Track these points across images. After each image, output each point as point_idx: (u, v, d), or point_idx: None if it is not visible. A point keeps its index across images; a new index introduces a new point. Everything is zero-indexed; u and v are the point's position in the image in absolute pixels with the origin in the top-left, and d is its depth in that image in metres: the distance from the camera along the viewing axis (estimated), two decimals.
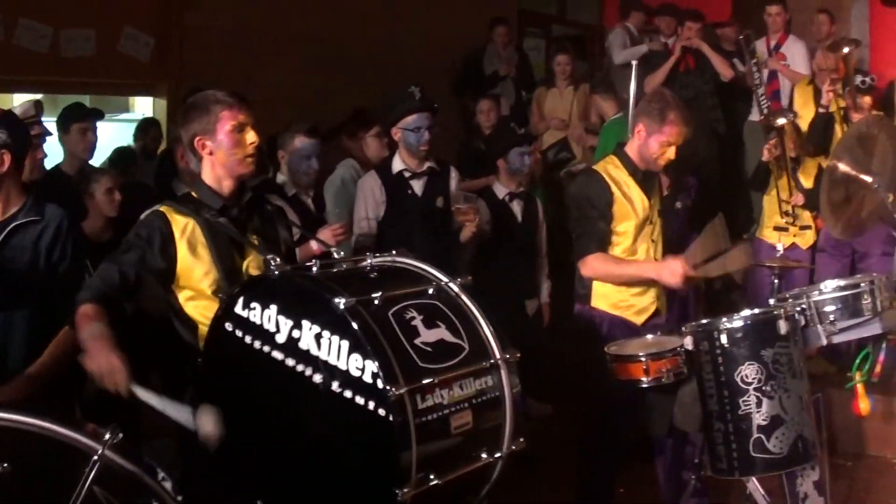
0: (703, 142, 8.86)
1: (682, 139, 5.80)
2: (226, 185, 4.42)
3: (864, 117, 8.08)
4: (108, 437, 3.47)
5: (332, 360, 3.54)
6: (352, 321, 3.51)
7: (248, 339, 3.78)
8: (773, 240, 8.22)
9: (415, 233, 6.71)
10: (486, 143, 9.73)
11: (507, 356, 3.84)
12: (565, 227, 6.12)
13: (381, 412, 3.42)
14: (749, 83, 10.24)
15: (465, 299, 3.89)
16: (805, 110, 9.44)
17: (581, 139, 10.77)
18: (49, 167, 7.25)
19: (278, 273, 3.85)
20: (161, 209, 4.36)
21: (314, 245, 5.78)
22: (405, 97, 6.76)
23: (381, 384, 3.42)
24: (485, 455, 3.75)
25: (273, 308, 3.73)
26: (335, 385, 3.53)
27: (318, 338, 3.59)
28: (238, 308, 3.83)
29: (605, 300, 5.88)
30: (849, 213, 6.76)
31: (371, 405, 3.44)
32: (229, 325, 3.86)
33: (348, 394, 3.50)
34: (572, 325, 6.07)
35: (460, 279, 3.94)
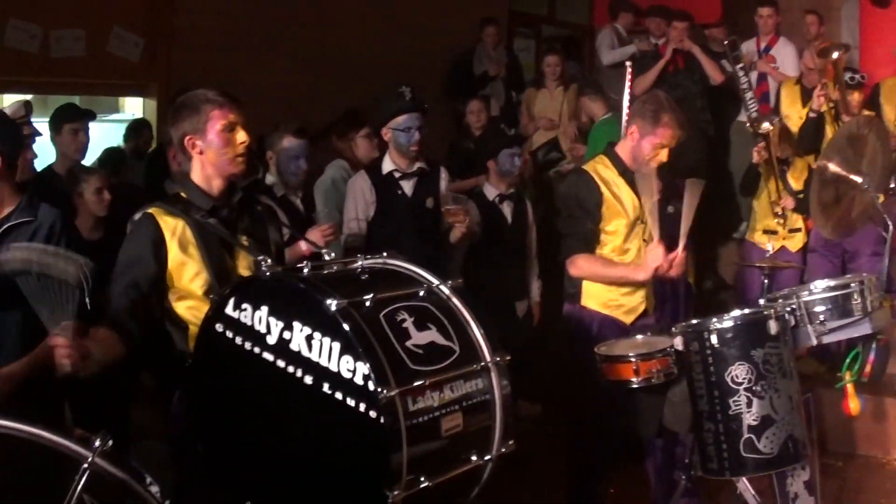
0: (693, 143, 8.85)
1: (675, 142, 5.81)
2: (216, 185, 4.40)
3: (853, 117, 8.10)
4: (97, 444, 3.46)
5: (324, 361, 3.52)
6: (343, 323, 3.49)
7: (239, 340, 3.77)
8: (763, 243, 8.26)
9: (404, 233, 6.71)
10: (475, 144, 9.74)
11: (498, 359, 3.83)
12: (555, 227, 6.11)
13: (372, 414, 3.41)
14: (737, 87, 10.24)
15: (456, 301, 3.88)
16: (792, 110, 9.46)
17: (573, 150, 10.76)
18: (40, 167, 7.23)
19: (269, 274, 3.83)
20: (150, 211, 4.34)
21: (303, 246, 5.77)
22: (395, 97, 6.76)
23: (372, 386, 3.40)
24: (475, 457, 3.75)
25: (264, 309, 3.72)
26: (326, 387, 3.51)
27: (309, 339, 3.58)
28: (229, 309, 3.82)
29: (595, 299, 5.89)
30: (839, 214, 6.77)
31: (362, 407, 3.43)
32: (220, 326, 3.85)
33: (339, 395, 3.48)
34: (562, 324, 6.08)
35: (451, 281, 3.94)
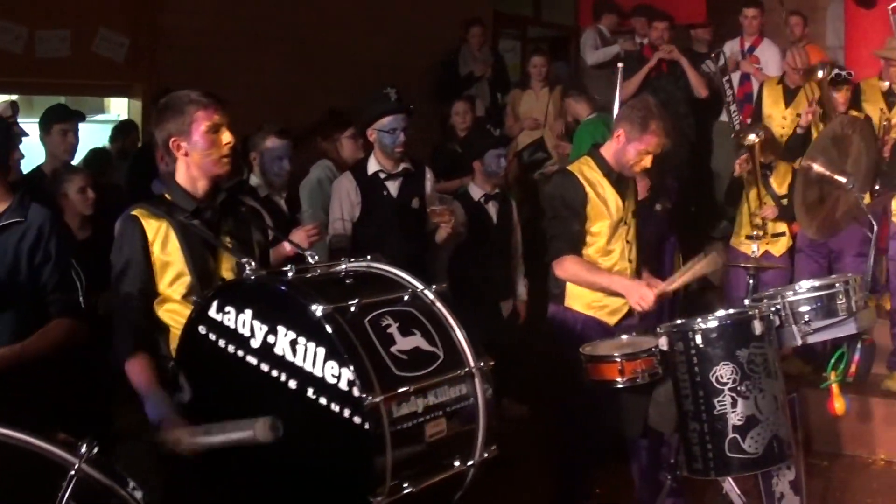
0: (676, 147, 8.87)
1: (661, 150, 5.81)
2: (200, 186, 4.39)
3: (838, 118, 8.11)
4: (84, 450, 3.45)
5: (308, 366, 3.52)
6: (328, 328, 3.49)
7: (222, 343, 3.76)
8: (747, 248, 8.29)
9: (390, 234, 6.71)
10: (461, 145, 9.72)
11: (482, 364, 3.83)
12: (540, 228, 6.11)
13: (357, 420, 3.41)
14: (722, 96, 10.28)
15: (440, 306, 3.88)
16: (774, 109, 9.47)
17: (558, 147, 10.75)
18: (26, 168, 7.23)
19: (254, 278, 3.84)
20: (134, 213, 4.31)
21: (287, 246, 5.76)
22: (380, 99, 6.75)
23: (356, 392, 3.40)
24: (458, 463, 3.75)
25: (248, 312, 3.72)
26: (310, 391, 3.51)
27: (293, 344, 3.58)
28: (212, 311, 3.82)
29: (579, 300, 5.89)
30: (823, 214, 6.80)
31: (346, 413, 3.43)
32: (203, 329, 3.84)
33: (323, 401, 3.48)
34: (546, 325, 6.08)
35: (435, 286, 3.93)
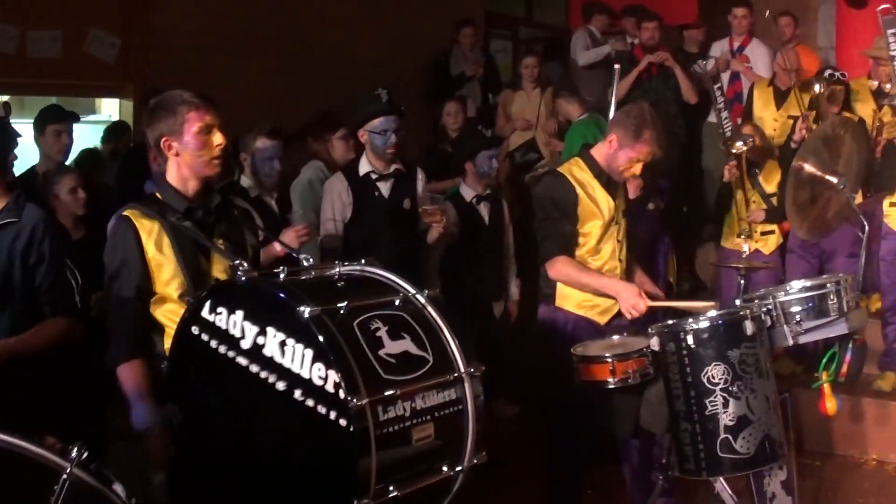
0: (670, 147, 8.87)
1: (651, 159, 5.81)
2: (191, 187, 4.39)
3: (829, 118, 8.12)
4: (74, 454, 3.44)
5: (296, 368, 3.52)
6: (316, 330, 3.49)
7: (214, 344, 3.76)
8: (739, 244, 8.30)
9: (381, 234, 6.72)
10: (452, 146, 9.72)
11: (472, 369, 3.81)
12: (531, 229, 6.10)
13: (342, 422, 3.40)
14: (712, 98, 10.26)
15: (432, 311, 3.86)
16: (765, 112, 9.48)
17: (550, 144, 10.76)
18: (21, 169, 7.22)
19: (245, 279, 3.83)
20: (126, 213, 4.32)
21: (277, 247, 5.75)
22: (372, 100, 6.78)
23: (342, 395, 3.40)
24: (446, 468, 3.73)
25: (239, 313, 3.71)
26: (298, 393, 3.51)
27: (282, 345, 3.57)
28: (205, 312, 3.82)
29: (570, 300, 5.88)
30: (814, 214, 6.79)
31: (332, 415, 3.42)
32: (196, 329, 3.85)
33: (310, 402, 3.48)
34: (538, 325, 6.08)
35: (428, 290, 3.92)
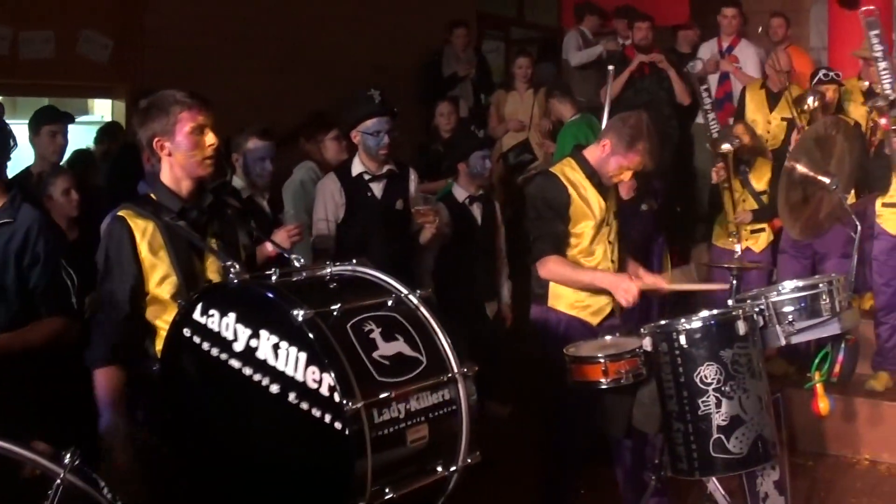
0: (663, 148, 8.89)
1: (642, 169, 5.81)
2: (184, 186, 4.39)
3: (822, 118, 8.12)
4: (67, 460, 3.44)
5: (290, 371, 3.51)
6: (309, 333, 3.48)
7: (206, 346, 3.75)
8: (732, 244, 8.33)
9: (374, 235, 6.71)
10: (444, 146, 9.72)
11: (465, 370, 3.80)
12: (523, 229, 6.10)
13: (338, 426, 3.39)
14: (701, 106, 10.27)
15: (425, 311, 3.85)
16: (759, 115, 9.50)
17: (543, 145, 10.75)
18: (14, 169, 7.22)
19: (238, 281, 3.83)
20: (121, 213, 4.32)
21: (269, 247, 5.75)
22: (365, 100, 6.74)
23: (337, 398, 3.39)
24: (440, 468, 3.73)
25: (231, 316, 3.70)
26: (292, 396, 3.50)
27: (275, 348, 3.56)
28: (196, 314, 3.80)
29: (562, 301, 5.88)
30: (807, 214, 6.79)
31: (327, 418, 3.41)
32: (187, 331, 3.83)
33: (305, 406, 3.47)
34: (530, 326, 6.08)
35: (420, 291, 3.91)
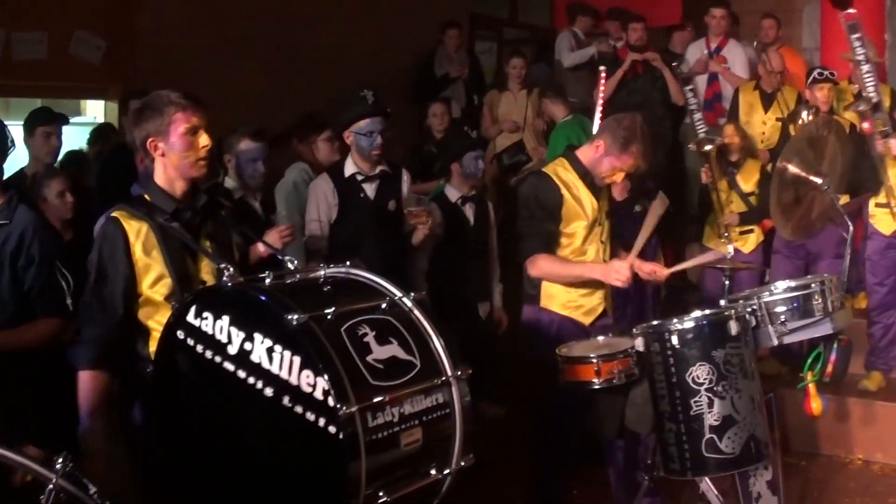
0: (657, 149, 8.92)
1: (634, 171, 5.81)
2: (178, 187, 4.39)
3: (814, 119, 8.14)
4: (59, 465, 3.45)
5: (284, 374, 3.51)
6: (304, 337, 3.49)
7: (200, 349, 3.76)
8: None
9: (367, 236, 6.71)
10: (437, 147, 9.72)
11: (459, 373, 3.81)
12: (514, 229, 6.10)
13: (332, 429, 3.40)
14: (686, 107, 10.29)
15: (418, 314, 3.86)
16: (753, 115, 9.53)
17: (536, 151, 10.75)
18: (8, 171, 7.22)
19: (232, 284, 3.83)
20: (115, 214, 4.32)
21: (260, 247, 5.75)
22: (357, 101, 6.73)
23: (331, 402, 3.39)
24: (434, 471, 3.74)
25: (225, 319, 3.71)
26: (286, 400, 3.51)
27: (269, 352, 3.57)
28: (190, 316, 3.81)
29: (555, 301, 5.87)
30: (798, 215, 6.81)
31: (321, 422, 3.42)
32: (181, 333, 3.83)
33: (299, 409, 3.47)
34: (522, 326, 6.07)
35: (414, 294, 3.92)
